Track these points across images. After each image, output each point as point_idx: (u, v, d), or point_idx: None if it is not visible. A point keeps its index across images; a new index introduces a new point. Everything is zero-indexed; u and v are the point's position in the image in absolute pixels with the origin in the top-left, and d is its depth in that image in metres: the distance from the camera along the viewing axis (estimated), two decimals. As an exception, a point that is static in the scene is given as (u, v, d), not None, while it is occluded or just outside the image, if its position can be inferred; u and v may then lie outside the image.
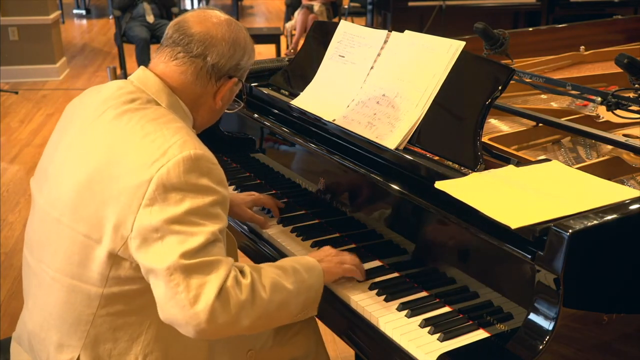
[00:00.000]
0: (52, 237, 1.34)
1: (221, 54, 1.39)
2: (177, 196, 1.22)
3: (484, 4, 6.91)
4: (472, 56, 1.58)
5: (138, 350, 1.33)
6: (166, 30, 1.43)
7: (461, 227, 1.34)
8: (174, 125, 1.30)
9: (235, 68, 1.43)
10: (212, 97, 1.44)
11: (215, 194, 1.26)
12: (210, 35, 1.39)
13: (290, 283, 1.33)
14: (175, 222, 1.20)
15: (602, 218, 1.17)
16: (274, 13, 11.62)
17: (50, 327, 1.36)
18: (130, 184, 1.23)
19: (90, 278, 1.29)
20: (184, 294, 1.17)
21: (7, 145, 4.86)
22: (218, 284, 1.19)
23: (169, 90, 1.38)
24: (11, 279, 3.09)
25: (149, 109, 1.34)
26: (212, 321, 1.18)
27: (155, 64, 1.42)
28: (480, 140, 1.46)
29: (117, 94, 1.37)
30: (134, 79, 1.41)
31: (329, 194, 1.74)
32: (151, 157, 1.24)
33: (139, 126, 1.29)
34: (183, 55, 1.38)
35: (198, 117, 1.45)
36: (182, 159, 1.23)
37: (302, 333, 1.62)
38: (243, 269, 1.28)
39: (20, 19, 6.42)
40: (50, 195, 1.36)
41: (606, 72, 2.37)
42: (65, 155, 1.36)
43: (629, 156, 1.66)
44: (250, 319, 1.24)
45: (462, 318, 1.34)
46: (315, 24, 2.09)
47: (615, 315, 1.23)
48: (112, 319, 1.31)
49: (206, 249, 1.21)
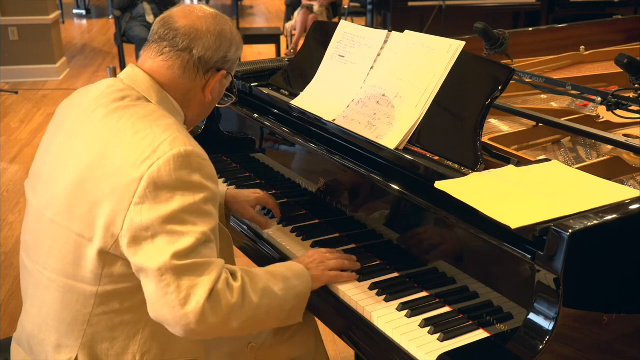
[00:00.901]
0: (47, 237, 1.35)
1: (207, 46, 1.39)
2: (168, 194, 1.22)
3: (484, 4, 6.91)
4: (472, 56, 1.58)
5: (135, 348, 1.33)
6: (152, 26, 1.43)
7: (461, 227, 1.34)
8: (164, 122, 1.30)
9: (222, 60, 1.42)
10: (202, 91, 1.43)
11: (206, 190, 1.26)
12: (196, 29, 1.38)
13: (280, 289, 1.34)
14: (167, 221, 1.20)
15: (602, 218, 1.17)
16: (274, 13, 11.62)
17: (48, 328, 1.36)
18: (121, 182, 1.23)
19: (84, 277, 1.29)
20: (175, 294, 1.18)
21: (7, 145, 4.86)
22: (209, 286, 1.20)
23: (158, 86, 1.38)
24: (11, 279, 3.09)
25: (139, 106, 1.34)
26: (201, 322, 1.19)
27: (144, 60, 1.42)
28: (480, 140, 1.46)
29: (106, 93, 1.37)
30: (123, 76, 1.41)
31: (329, 194, 1.74)
32: (142, 154, 1.24)
33: (130, 124, 1.29)
34: (169, 49, 1.38)
35: (189, 113, 1.45)
36: (173, 156, 1.23)
37: (302, 333, 1.62)
38: (235, 272, 1.29)
39: (20, 19, 6.41)
40: (44, 196, 1.37)
41: (606, 72, 2.37)
42: (58, 156, 1.36)
43: (629, 156, 1.66)
44: (239, 321, 1.25)
45: (462, 318, 1.34)
46: (315, 24, 2.09)
47: (615, 315, 1.23)
48: (109, 317, 1.32)
49: (198, 250, 1.21)
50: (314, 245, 1.65)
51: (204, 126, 2.30)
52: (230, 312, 1.23)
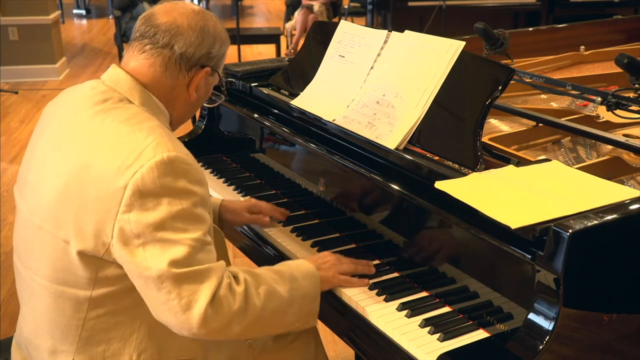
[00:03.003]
0: (36, 244, 1.34)
1: (189, 42, 1.36)
2: (154, 201, 1.20)
3: (484, 4, 6.91)
4: (472, 56, 1.58)
5: (131, 349, 1.33)
6: (135, 25, 1.41)
7: (461, 227, 1.34)
8: (147, 125, 1.28)
9: (206, 57, 1.39)
10: (186, 89, 1.40)
11: (194, 195, 1.24)
12: (177, 25, 1.35)
13: (285, 290, 1.33)
14: (157, 228, 1.19)
15: (602, 218, 1.17)
16: (274, 13, 11.62)
17: (43, 334, 1.36)
18: (106, 189, 1.21)
19: (76, 282, 1.28)
20: (176, 300, 1.18)
21: (7, 145, 4.86)
22: (210, 292, 1.20)
23: (141, 87, 1.36)
24: (11, 279, 3.09)
25: (121, 108, 1.31)
26: (204, 327, 1.19)
27: (126, 60, 1.39)
28: (480, 140, 1.46)
29: (89, 95, 1.35)
30: (105, 78, 1.39)
31: (329, 194, 1.74)
32: (125, 161, 1.22)
33: (112, 128, 1.27)
34: (150, 47, 1.35)
35: (174, 112, 1.42)
36: (156, 163, 1.21)
37: (302, 338, 1.60)
38: (237, 275, 1.28)
39: (20, 19, 6.42)
40: (31, 202, 1.35)
41: (606, 72, 2.36)
42: (41, 162, 1.34)
43: (629, 156, 1.66)
44: (241, 326, 1.25)
45: (462, 318, 1.34)
46: (315, 24, 2.09)
47: (615, 315, 1.23)
48: (103, 320, 1.31)
49: (195, 257, 1.20)
50: (314, 245, 1.65)
51: (204, 126, 2.30)
52: (233, 318, 1.23)
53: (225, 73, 2.19)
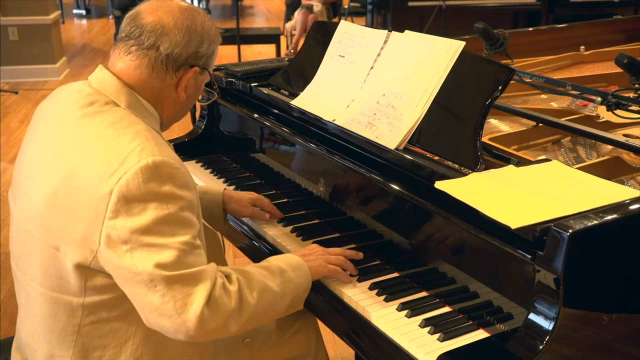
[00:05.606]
0: (29, 249, 1.33)
1: (175, 42, 1.32)
2: (140, 206, 1.18)
3: (484, 4, 6.92)
4: (472, 56, 1.58)
5: (127, 355, 1.32)
6: (121, 24, 1.38)
7: (461, 227, 1.34)
8: (133, 129, 1.25)
9: (194, 56, 1.35)
10: (174, 90, 1.36)
11: (180, 199, 1.22)
12: (162, 24, 1.31)
13: (277, 285, 1.34)
14: (144, 233, 1.18)
15: (602, 218, 1.17)
16: (274, 13, 11.62)
17: (39, 338, 1.36)
18: (92, 196, 1.20)
19: (69, 290, 1.28)
20: (171, 304, 1.18)
21: (7, 145, 4.86)
22: (205, 294, 1.19)
23: (128, 89, 1.32)
24: (11, 279, 3.06)
25: (107, 112, 1.29)
26: (201, 329, 1.19)
27: (113, 62, 1.36)
28: (480, 140, 1.46)
29: (75, 98, 1.33)
30: (92, 80, 1.36)
31: (329, 194, 1.74)
32: (110, 167, 1.20)
33: (97, 132, 1.25)
34: (136, 48, 1.32)
35: (164, 113, 1.39)
36: (140, 168, 1.19)
37: (303, 332, 1.61)
38: (230, 275, 1.28)
39: (20, 19, 6.41)
40: (22, 208, 1.35)
41: (606, 72, 2.36)
42: (32, 166, 1.33)
43: (629, 156, 1.66)
44: (238, 324, 1.25)
45: (462, 318, 1.34)
46: (315, 24, 2.09)
47: (615, 315, 1.23)
48: (98, 326, 1.30)
49: (184, 260, 1.20)
50: (314, 245, 1.65)
51: (204, 126, 2.31)
52: (230, 317, 1.23)
53: (225, 73, 2.20)
